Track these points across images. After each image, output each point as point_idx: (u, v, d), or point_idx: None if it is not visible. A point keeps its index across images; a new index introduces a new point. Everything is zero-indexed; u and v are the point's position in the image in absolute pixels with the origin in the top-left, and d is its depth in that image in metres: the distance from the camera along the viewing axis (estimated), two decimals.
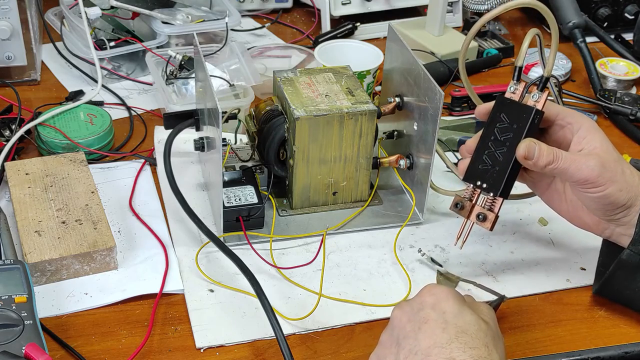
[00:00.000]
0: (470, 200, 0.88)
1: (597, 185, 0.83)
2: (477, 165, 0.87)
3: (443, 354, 0.70)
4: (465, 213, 0.89)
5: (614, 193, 0.83)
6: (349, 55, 1.26)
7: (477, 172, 0.87)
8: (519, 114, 0.85)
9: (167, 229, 1.00)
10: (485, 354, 0.70)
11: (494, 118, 0.86)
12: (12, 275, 0.83)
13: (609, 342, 0.89)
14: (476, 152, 0.87)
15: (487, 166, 0.86)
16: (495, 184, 0.86)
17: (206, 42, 1.35)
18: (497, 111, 0.86)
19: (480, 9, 1.47)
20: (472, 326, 0.73)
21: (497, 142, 0.86)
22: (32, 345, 0.75)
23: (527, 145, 0.83)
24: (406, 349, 0.72)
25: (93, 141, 1.12)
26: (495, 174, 0.86)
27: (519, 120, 0.85)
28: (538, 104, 0.85)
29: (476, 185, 0.88)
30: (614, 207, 0.85)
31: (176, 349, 0.85)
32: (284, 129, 1.00)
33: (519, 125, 0.84)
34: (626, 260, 0.86)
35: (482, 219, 0.87)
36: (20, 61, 1.27)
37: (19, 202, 0.97)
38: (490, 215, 0.87)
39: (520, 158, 0.84)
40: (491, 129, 0.86)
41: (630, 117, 1.26)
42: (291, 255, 0.98)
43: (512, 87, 0.87)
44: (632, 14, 1.53)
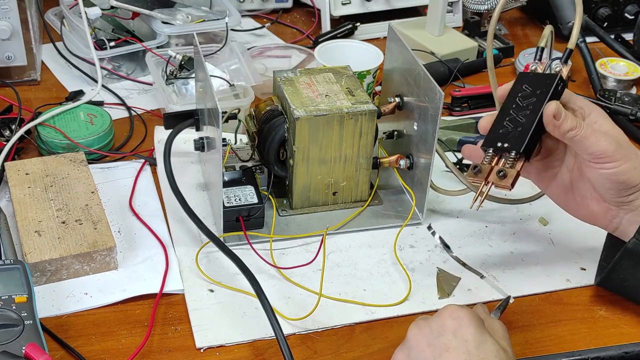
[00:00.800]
0: (490, 163, 0.85)
1: (613, 160, 0.83)
2: (497, 130, 0.85)
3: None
4: (483, 176, 0.84)
5: (628, 170, 0.83)
6: (349, 55, 1.26)
7: (497, 136, 0.85)
8: (542, 81, 0.85)
9: (167, 229, 1.00)
10: None
11: (515, 90, 0.86)
12: (12, 275, 0.83)
13: (609, 342, 0.89)
14: (496, 121, 0.86)
15: (509, 129, 0.84)
16: (518, 141, 0.83)
17: (206, 42, 1.35)
18: (519, 84, 0.86)
19: (480, 9, 1.47)
20: (493, 356, 0.72)
21: (519, 108, 0.85)
22: (32, 345, 0.75)
23: (557, 104, 0.83)
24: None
25: (93, 141, 1.12)
26: (518, 133, 0.83)
27: (543, 86, 0.84)
28: (562, 73, 0.85)
29: (496, 147, 0.84)
30: (626, 187, 0.84)
31: (176, 349, 0.85)
32: (284, 129, 1.00)
33: (542, 91, 0.84)
34: (632, 248, 0.85)
35: (502, 176, 0.83)
36: (20, 61, 1.27)
37: (19, 202, 0.97)
38: (511, 172, 0.83)
39: (549, 116, 0.83)
40: (511, 99, 0.86)
41: (630, 117, 1.26)
42: (291, 255, 0.98)
43: (533, 66, 0.87)
44: (632, 14, 1.53)
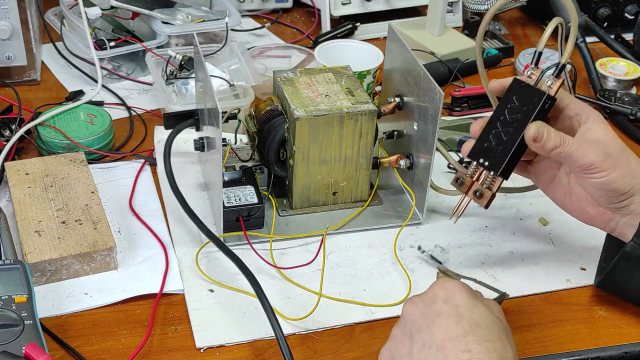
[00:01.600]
0: (471, 177, 0.89)
1: (601, 169, 0.83)
2: (483, 143, 0.87)
3: (459, 346, 0.70)
4: (464, 189, 0.89)
5: (617, 179, 0.83)
6: (349, 55, 1.26)
7: (481, 150, 0.87)
8: (531, 97, 0.85)
9: (167, 229, 1.00)
10: (500, 346, 0.70)
11: (506, 99, 0.87)
12: (12, 275, 0.83)
13: (609, 342, 0.89)
14: (484, 131, 0.87)
15: (492, 145, 0.86)
16: (497, 162, 0.86)
17: (206, 42, 1.35)
18: (510, 93, 0.87)
19: (480, 9, 1.48)
20: (485, 319, 0.73)
21: (505, 122, 0.86)
22: (32, 345, 0.75)
23: (537, 127, 0.84)
24: (420, 342, 0.72)
25: (93, 141, 1.12)
26: (499, 153, 0.86)
27: (530, 103, 0.85)
28: (551, 90, 0.85)
29: (478, 162, 0.88)
30: (617, 194, 0.85)
31: (176, 349, 0.85)
32: (284, 129, 1.00)
33: (529, 108, 0.85)
34: (630, 252, 0.86)
35: (478, 195, 0.88)
36: (20, 61, 1.27)
37: (19, 202, 0.97)
38: (487, 193, 0.87)
39: (529, 139, 0.84)
40: (502, 109, 0.86)
41: (630, 117, 1.26)
42: (291, 255, 0.98)
43: (528, 71, 0.87)
44: (632, 14, 1.53)
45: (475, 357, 0.69)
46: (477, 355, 0.69)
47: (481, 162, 0.87)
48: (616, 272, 0.88)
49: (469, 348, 0.69)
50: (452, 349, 0.70)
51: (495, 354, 0.69)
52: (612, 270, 0.88)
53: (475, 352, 0.69)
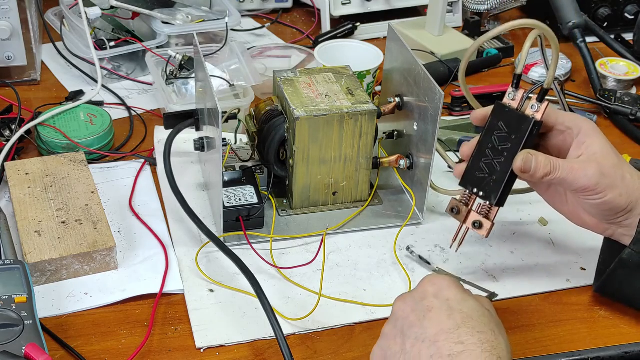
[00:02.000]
0: (466, 205, 0.89)
1: (597, 192, 0.83)
2: (473, 171, 0.87)
3: (452, 339, 0.70)
4: (461, 218, 0.89)
5: (613, 199, 0.84)
6: (349, 55, 1.26)
7: (473, 179, 0.87)
8: (517, 123, 0.84)
9: (167, 229, 1.00)
10: (492, 338, 0.71)
11: (492, 125, 0.86)
12: (12, 275, 0.83)
13: (609, 342, 0.89)
14: (473, 157, 0.87)
15: (484, 174, 0.86)
16: (492, 193, 0.86)
17: (206, 42, 1.35)
18: (495, 118, 0.86)
19: (480, 9, 1.48)
20: (476, 312, 0.73)
21: (494, 151, 0.86)
22: (32, 345, 0.75)
23: (524, 158, 0.84)
24: (412, 337, 0.72)
25: (93, 141, 1.12)
26: (492, 183, 0.86)
27: (517, 131, 0.84)
28: (537, 114, 0.84)
29: (472, 192, 0.88)
30: (614, 212, 0.85)
31: (176, 349, 0.85)
32: (284, 129, 1.00)
33: (517, 136, 0.84)
34: (627, 259, 0.86)
35: (478, 226, 0.88)
36: (20, 61, 1.27)
37: (19, 202, 0.97)
38: (487, 223, 0.87)
39: (517, 171, 0.84)
40: (489, 136, 0.86)
41: (630, 117, 1.26)
42: (291, 255, 0.98)
43: (510, 94, 0.86)
44: (632, 14, 1.53)
45: (469, 348, 0.69)
46: (470, 346, 0.70)
47: (475, 192, 0.87)
48: (614, 279, 0.89)
49: (462, 340, 0.70)
50: (445, 342, 0.70)
51: (488, 345, 0.70)
52: (610, 277, 0.89)
53: (469, 343, 0.70)
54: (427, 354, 0.70)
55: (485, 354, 0.69)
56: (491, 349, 0.70)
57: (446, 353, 0.69)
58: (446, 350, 0.69)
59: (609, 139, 0.87)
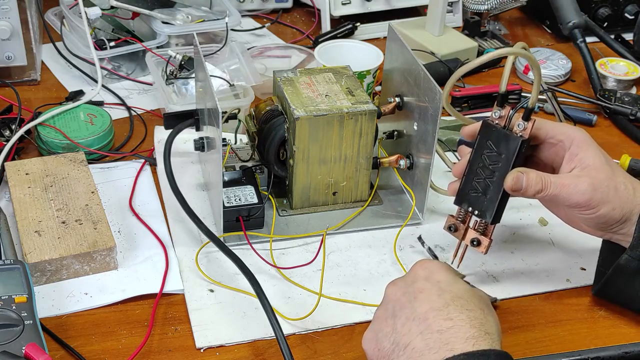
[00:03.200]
0: (463, 222, 0.90)
1: (590, 208, 0.84)
2: (467, 190, 0.88)
3: (440, 315, 0.72)
4: (460, 235, 0.91)
5: (607, 213, 0.84)
6: (349, 55, 1.26)
7: (467, 197, 0.89)
8: (505, 142, 0.85)
9: (167, 229, 1.00)
10: (481, 316, 0.73)
11: (480, 144, 0.87)
12: (12, 275, 0.83)
13: (609, 342, 0.89)
14: (466, 176, 0.88)
15: (478, 193, 0.88)
16: (487, 211, 0.87)
17: (206, 42, 1.35)
18: (484, 137, 0.87)
19: (480, 9, 1.48)
20: (466, 293, 0.75)
21: (485, 170, 0.87)
22: (32, 345, 0.75)
23: (514, 177, 0.84)
24: (403, 317, 0.74)
25: (93, 141, 1.12)
26: (486, 202, 0.87)
27: (506, 150, 0.85)
28: (524, 133, 0.84)
29: (467, 210, 0.89)
30: (609, 224, 0.86)
31: (176, 349, 0.85)
32: (284, 129, 1.00)
33: (506, 155, 0.85)
34: (624, 265, 0.86)
35: (476, 244, 0.89)
36: (20, 61, 1.27)
37: (19, 202, 0.97)
38: (485, 241, 0.89)
39: (508, 190, 0.85)
40: (479, 154, 0.87)
41: (630, 117, 1.26)
42: (291, 255, 0.98)
43: (496, 113, 0.86)
44: (632, 14, 1.53)
45: (457, 324, 0.71)
46: (459, 322, 0.71)
47: (470, 211, 0.89)
48: (612, 283, 0.89)
49: (450, 316, 0.72)
50: (434, 319, 0.72)
51: (477, 321, 0.72)
52: (608, 282, 0.89)
53: (457, 319, 0.71)
54: (417, 331, 0.72)
55: (473, 329, 0.71)
56: (479, 325, 0.71)
57: (435, 329, 0.71)
58: (435, 326, 0.71)
59: (609, 139, 0.87)
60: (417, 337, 0.71)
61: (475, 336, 0.70)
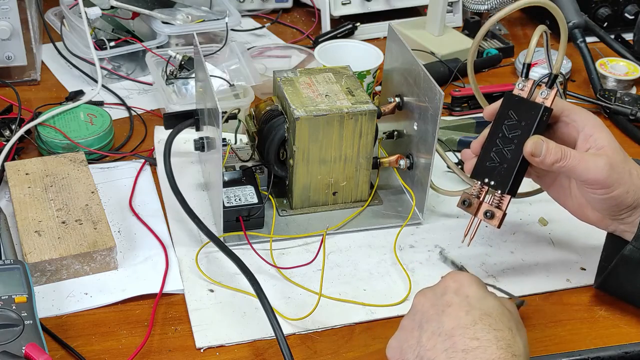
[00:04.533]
0: (478, 197, 0.88)
1: (605, 186, 0.83)
2: (484, 162, 0.87)
3: (467, 334, 0.71)
4: (473, 210, 0.88)
5: (621, 195, 0.83)
6: (349, 55, 1.26)
7: (484, 169, 0.87)
8: (528, 111, 0.84)
9: (167, 229, 1.00)
10: (509, 336, 0.71)
11: (501, 115, 0.86)
12: (12, 275, 0.83)
13: (609, 342, 0.89)
14: (484, 149, 0.87)
15: (495, 163, 0.86)
16: (503, 181, 0.86)
17: (206, 42, 1.35)
18: (505, 108, 0.86)
19: (480, 9, 1.47)
20: (495, 310, 0.74)
21: (505, 140, 0.85)
22: (32, 345, 0.75)
23: (535, 142, 0.83)
24: (429, 331, 0.73)
25: (93, 141, 1.12)
26: (503, 171, 0.85)
27: (527, 118, 0.84)
28: (547, 101, 0.84)
29: (484, 182, 0.87)
30: (619, 208, 0.85)
31: (176, 349, 0.85)
32: (284, 129, 1.00)
33: (527, 123, 0.84)
34: (628, 255, 0.86)
35: (489, 216, 0.87)
36: (20, 61, 1.27)
37: (19, 202, 0.97)
38: (498, 212, 0.87)
39: (527, 155, 0.83)
40: (499, 125, 0.86)
41: (630, 117, 1.26)
42: (291, 255, 0.98)
43: (520, 84, 0.86)
44: (632, 14, 1.53)
45: (484, 344, 0.70)
46: (485, 342, 0.70)
47: (486, 182, 0.87)
48: (615, 275, 0.88)
49: (477, 336, 0.70)
50: (460, 337, 0.71)
51: (504, 342, 0.70)
52: (611, 273, 0.89)
53: (484, 339, 0.70)
54: (442, 348, 0.71)
55: (500, 350, 0.70)
56: (506, 347, 0.70)
57: (461, 348, 0.70)
58: (461, 345, 0.70)
59: None
60: (442, 354, 0.71)
61: (502, 358, 0.69)
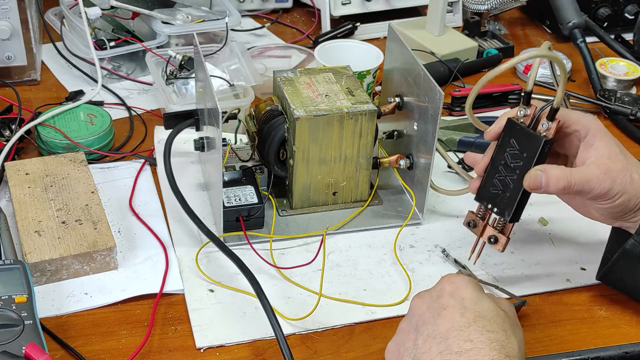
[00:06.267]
0: (483, 219, 0.89)
1: (608, 198, 0.84)
2: (488, 187, 0.88)
3: (461, 336, 0.72)
4: (478, 231, 0.90)
5: (623, 202, 0.85)
6: (349, 55, 1.26)
7: (488, 195, 0.88)
8: (529, 142, 0.84)
9: (167, 229, 1.00)
10: (503, 337, 0.72)
11: (504, 142, 0.86)
12: (12, 275, 0.83)
13: (609, 342, 0.89)
14: (487, 173, 0.88)
15: (498, 190, 0.87)
16: (506, 209, 0.87)
17: (206, 42, 1.35)
18: (507, 135, 0.86)
19: (480, 9, 1.47)
20: (490, 312, 0.74)
21: (507, 168, 0.86)
22: (32, 345, 0.75)
23: (533, 176, 0.83)
24: (425, 334, 0.74)
25: (93, 141, 1.12)
26: (506, 199, 0.86)
27: (529, 149, 0.84)
28: (548, 132, 0.83)
29: (487, 207, 0.88)
30: (623, 212, 0.86)
31: (176, 349, 0.85)
32: (284, 129, 1.00)
33: (529, 155, 0.84)
34: (630, 249, 0.86)
35: (493, 241, 0.88)
36: (20, 61, 1.27)
37: (19, 202, 0.97)
38: (502, 238, 0.88)
39: (527, 188, 0.84)
40: (501, 152, 0.86)
41: (630, 117, 1.26)
42: (291, 255, 0.98)
43: (521, 112, 0.85)
44: (632, 14, 1.53)
45: (477, 346, 0.71)
46: (479, 344, 0.71)
47: (490, 208, 0.88)
48: (617, 268, 0.89)
49: (471, 338, 0.71)
50: (454, 339, 0.71)
51: (497, 344, 0.71)
52: (613, 266, 0.89)
53: (477, 341, 0.71)
54: (437, 350, 0.72)
55: (493, 352, 0.70)
56: (500, 348, 0.71)
57: (455, 350, 0.71)
58: (455, 347, 0.71)
59: None
60: (437, 356, 0.71)
61: (495, 359, 0.70)
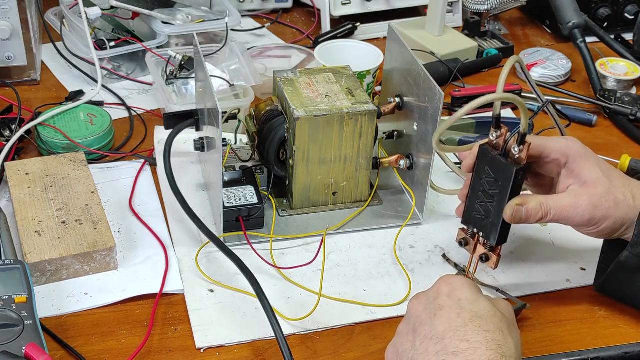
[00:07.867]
0: (473, 237, 0.89)
1: (591, 225, 0.85)
2: (471, 211, 0.88)
3: (457, 336, 0.72)
4: (470, 249, 0.90)
5: (608, 226, 0.85)
6: (349, 55, 1.26)
7: (473, 219, 0.88)
8: (502, 171, 0.83)
9: (167, 229, 1.00)
10: (500, 337, 0.72)
11: (479, 170, 0.86)
12: (12, 275, 0.83)
13: (609, 342, 0.89)
14: (469, 199, 0.88)
15: (481, 216, 0.87)
16: (491, 234, 0.87)
17: (206, 42, 1.35)
18: (482, 163, 0.85)
19: (480, 9, 1.48)
20: (487, 312, 0.75)
21: (486, 194, 0.86)
22: (32, 345, 0.75)
23: (513, 210, 0.84)
24: (422, 335, 0.74)
25: (93, 141, 1.12)
26: (489, 225, 0.87)
27: (502, 178, 0.84)
28: (520, 159, 0.82)
29: (474, 231, 0.89)
30: (612, 234, 0.87)
31: (176, 349, 0.85)
32: (284, 129, 1.00)
33: (503, 184, 0.84)
34: (625, 262, 0.86)
35: (485, 259, 0.89)
36: (20, 61, 1.27)
37: (19, 202, 0.97)
38: (493, 257, 0.88)
39: (508, 221, 0.85)
40: (479, 179, 0.86)
41: (630, 117, 1.26)
42: (291, 255, 0.98)
43: (493, 135, 0.84)
44: (632, 14, 1.53)
45: (473, 346, 0.71)
46: (475, 344, 0.71)
47: (476, 232, 0.88)
48: (613, 280, 0.89)
49: (467, 338, 0.72)
50: (451, 340, 0.72)
51: (494, 344, 0.71)
52: (609, 277, 0.89)
53: (474, 341, 0.71)
54: (434, 351, 0.72)
55: (489, 352, 0.70)
56: (496, 348, 0.71)
57: (451, 350, 0.71)
58: (451, 348, 0.71)
59: (609, 139, 0.87)
60: (434, 357, 0.72)
61: (491, 359, 0.70)
